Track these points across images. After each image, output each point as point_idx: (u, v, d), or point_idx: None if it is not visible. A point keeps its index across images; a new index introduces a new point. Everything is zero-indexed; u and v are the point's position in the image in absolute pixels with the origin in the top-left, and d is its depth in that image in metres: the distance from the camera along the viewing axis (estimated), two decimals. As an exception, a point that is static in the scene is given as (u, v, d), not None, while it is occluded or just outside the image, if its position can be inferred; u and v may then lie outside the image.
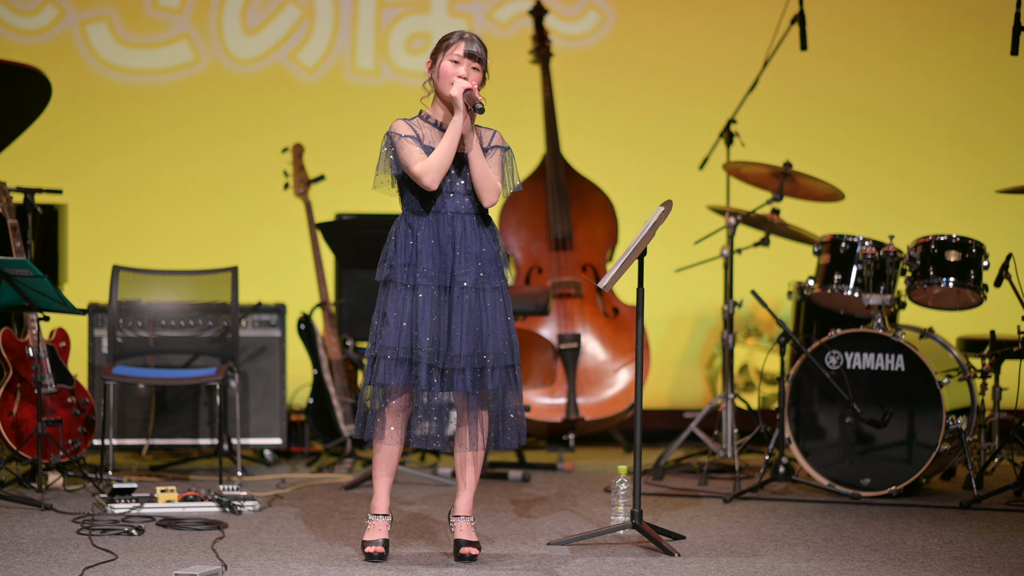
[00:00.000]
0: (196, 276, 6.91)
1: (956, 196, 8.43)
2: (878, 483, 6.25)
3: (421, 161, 4.90)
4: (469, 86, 4.87)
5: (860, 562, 5.04)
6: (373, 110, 8.40)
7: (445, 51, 4.92)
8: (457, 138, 4.90)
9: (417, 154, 4.91)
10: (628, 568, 4.92)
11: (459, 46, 4.90)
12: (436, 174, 4.90)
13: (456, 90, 4.87)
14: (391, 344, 4.91)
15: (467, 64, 4.90)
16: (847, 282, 6.51)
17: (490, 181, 4.95)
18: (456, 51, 4.90)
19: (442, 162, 4.89)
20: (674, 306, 8.38)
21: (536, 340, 7.48)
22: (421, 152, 4.91)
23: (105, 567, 4.82)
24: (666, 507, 6.05)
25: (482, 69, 4.93)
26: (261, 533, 5.44)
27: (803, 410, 6.46)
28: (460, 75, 4.89)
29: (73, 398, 6.46)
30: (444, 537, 5.40)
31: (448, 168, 4.91)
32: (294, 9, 8.52)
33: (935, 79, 8.51)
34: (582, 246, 7.72)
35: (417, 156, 4.91)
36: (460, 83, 4.88)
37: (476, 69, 4.91)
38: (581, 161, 7.90)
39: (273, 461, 7.16)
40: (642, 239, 5.17)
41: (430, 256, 4.94)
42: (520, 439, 5.06)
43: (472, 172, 4.94)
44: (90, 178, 8.26)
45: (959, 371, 6.45)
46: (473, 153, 4.92)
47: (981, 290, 6.41)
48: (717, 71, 8.41)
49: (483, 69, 4.93)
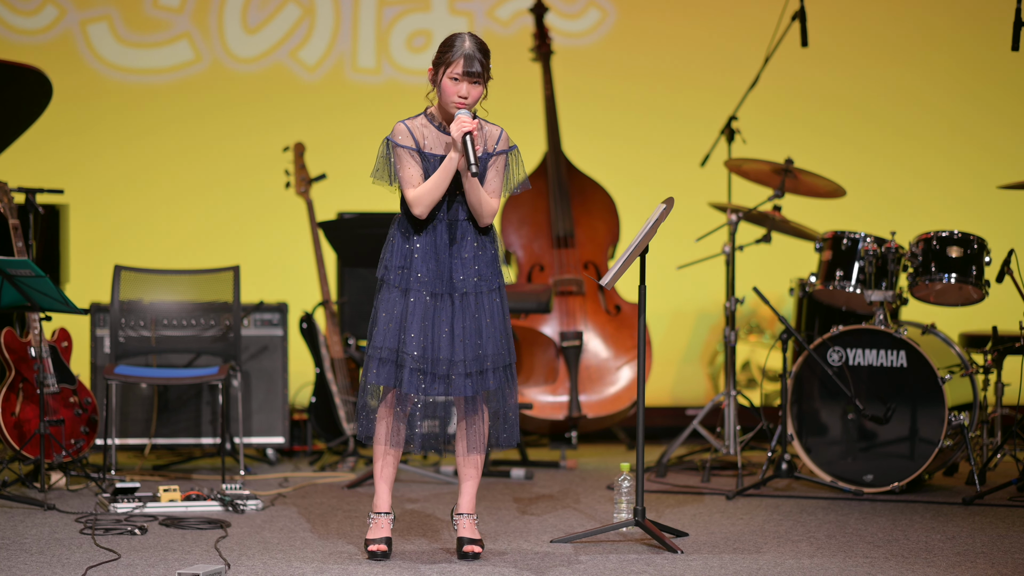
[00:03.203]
0: (198, 275, 6.92)
1: (959, 189, 8.42)
2: (881, 479, 6.25)
3: (415, 188, 4.87)
4: (470, 128, 4.81)
5: (863, 558, 5.04)
6: (374, 109, 8.40)
7: (445, 67, 4.84)
8: (451, 175, 4.87)
9: (415, 176, 4.88)
10: (631, 565, 4.92)
11: (458, 64, 4.83)
12: (426, 207, 4.89)
13: (456, 132, 4.82)
14: (379, 344, 4.92)
15: (466, 83, 4.85)
16: (849, 278, 6.51)
17: (485, 207, 4.93)
18: (455, 70, 4.83)
19: (434, 197, 4.87)
20: (676, 303, 8.38)
21: (538, 338, 7.48)
22: (418, 172, 4.88)
23: (108, 567, 4.82)
24: (669, 504, 6.05)
25: (482, 82, 4.87)
26: (264, 532, 5.44)
27: (805, 407, 6.45)
28: (460, 95, 4.83)
29: (75, 398, 6.46)
30: (447, 535, 5.40)
31: (440, 198, 4.90)
32: (295, 8, 8.51)
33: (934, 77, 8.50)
34: (584, 244, 7.71)
35: (414, 178, 4.88)
36: (461, 123, 4.81)
37: (476, 84, 4.86)
38: (582, 159, 7.90)
39: (276, 460, 7.16)
40: (644, 236, 5.17)
41: (425, 262, 4.93)
42: (512, 439, 5.06)
43: (468, 199, 4.92)
44: (92, 178, 8.26)
45: (961, 367, 6.44)
46: (468, 185, 4.90)
47: (983, 286, 6.41)
48: (718, 69, 8.41)
49: (484, 81, 4.88)
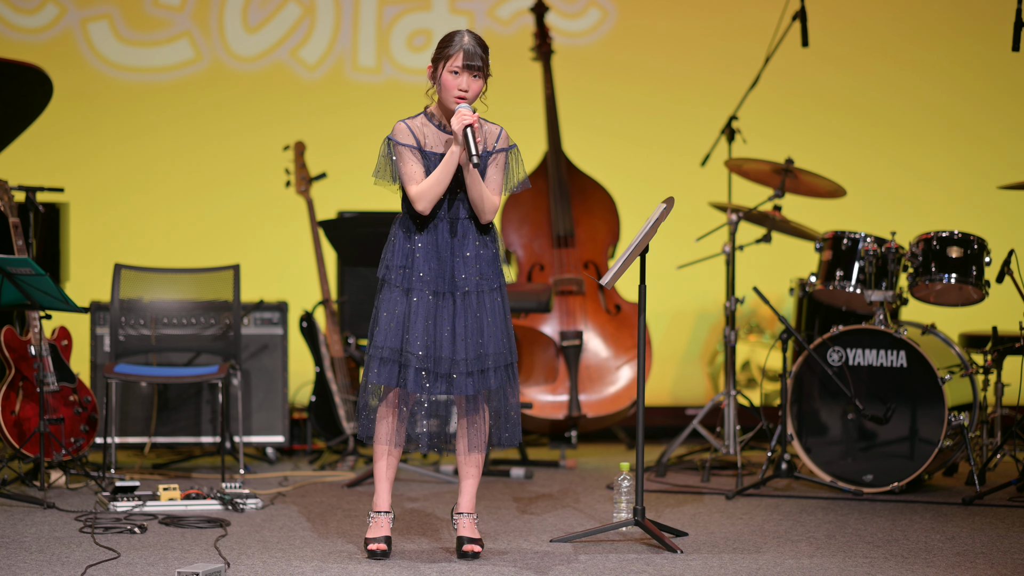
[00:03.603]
0: (198, 274, 6.91)
1: (959, 188, 8.42)
2: (880, 479, 6.25)
3: (417, 184, 4.88)
4: (471, 121, 4.82)
5: (863, 559, 5.04)
6: (375, 108, 8.39)
7: (445, 61, 4.86)
8: (453, 169, 4.88)
9: (417, 173, 4.89)
10: (631, 565, 4.92)
11: (458, 57, 4.84)
12: (429, 203, 4.89)
13: (457, 125, 4.83)
14: (380, 344, 4.92)
15: (467, 76, 4.86)
16: (849, 278, 6.51)
17: (486, 203, 4.93)
18: (455, 63, 4.85)
19: (437, 192, 4.88)
20: (676, 303, 8.38)
21: (538, 337, 7.48)
22: (420, 171, 4.89)
23: (108, 565, 4.82)
24: (668, 504, 6.05)
25: (483, 76, 4.89)
26: (264, 531, 5.44)
27: (805, 406, 6.45)
28: (461, 88, 4.84)
29: (75, 396, 6.46)
30: (447, 534, 5.40)
31: (443, 193, 4.90)
32: (295, 7, 8.51)
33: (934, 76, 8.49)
34: (584, 243, 7.71)
35: (416, 175, 4.88)
36: (461, 116, 4.82)
37: (476, 77, 4.88)
38: (583, 158, 7.90)
39: (275, 459, 7.16)
40: (644, 236, 5.17)
41: (427, 261, 4.93)
42: (514, 438, 5.06)
43: (469, 195, 4.92)
44: (92, 176, 8.26)
45: (961, 367, 6.44)
46: (470, 180, 4.91)
47: (983, 286, 6.41)
48: (718, 68, 8.40)
49: (484, 75, 4.89)
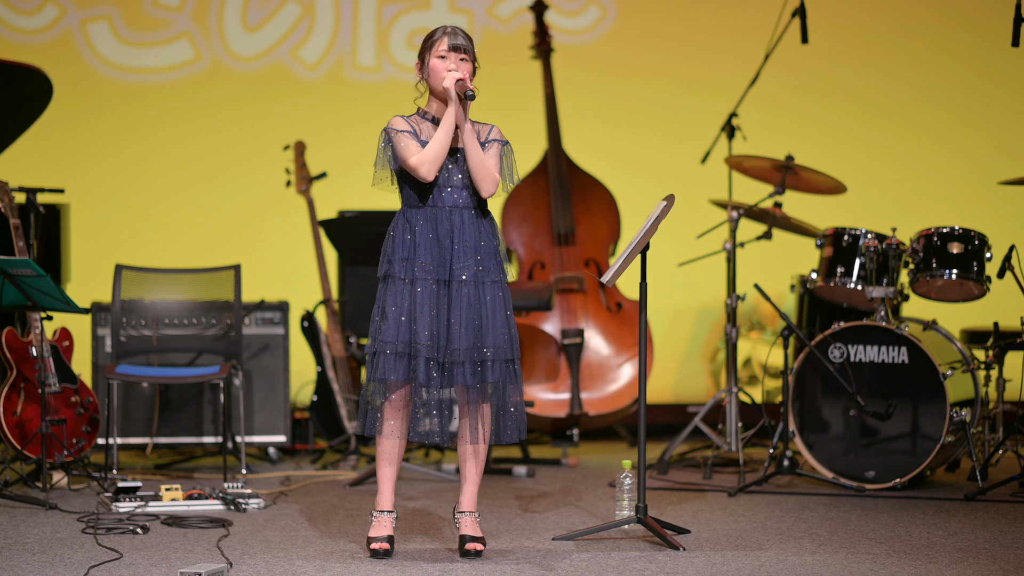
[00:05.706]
0: (199, 274, 6.91)
1: (960, 183, 8.42)
2: (883, 476, 6.25)
3: (417, 153, 4.91)
4: (461, 76, 4.90)
5: (865, 555, 5.04)
6: (374, 107, 8.39)
7: (431, 49, 4.97)
8: (452, 127, 4.92)
9: (414, 147, 4.93)
10: (633, 563, 4.92)
11: (443, 41, 4.95)
12: (432, 165, 4.91)
13: (448, 81, 4.90)
14: (390, 339, 4.92)
15: (454, 57, 4.93)
16: (850, 275, 6.50)
17: (487, 171, 4.95)
18: (441, 47, 4.94)
19: (438, 152, 4.91)
20: (677, 300, 8.38)
21: (539, 335, 7.48)
22: (417, 145, 4.93)
23: (110, 566, 4.82)
24: (671, 501, 6.05)
25: (471, 59, 4.96)
26: (266, 531, 5.44)
27: (807, 403, 6.45)
28: (450, 69, 4.92)
29: (77, 397, 6.46)
30: (449, 533, 5.40)
31: (444, 158, 4.92)
32: (295, 7, 8.51)
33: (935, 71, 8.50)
34: (584, 241, 7.71)
35: (414, 149, 4.92)
36: (452, 74, 4.91)
37: (464, 60, 4.95)
38: (583, 156, 7.90)
39: (277, 459, 7.16)
40: (644, 234, 5.17)
41: (428, 250, 4.95)
42: (520, 433, 5.07)
43: (469, 162, 4.94)
44: (92, 177, 8.26)
45: (963, 363, 6.44)
46: (469, 143, 4.93)
47: (984, 282, 6.40)
48: (718, 66, 8.40)
49: (471, 59, 4.96)
